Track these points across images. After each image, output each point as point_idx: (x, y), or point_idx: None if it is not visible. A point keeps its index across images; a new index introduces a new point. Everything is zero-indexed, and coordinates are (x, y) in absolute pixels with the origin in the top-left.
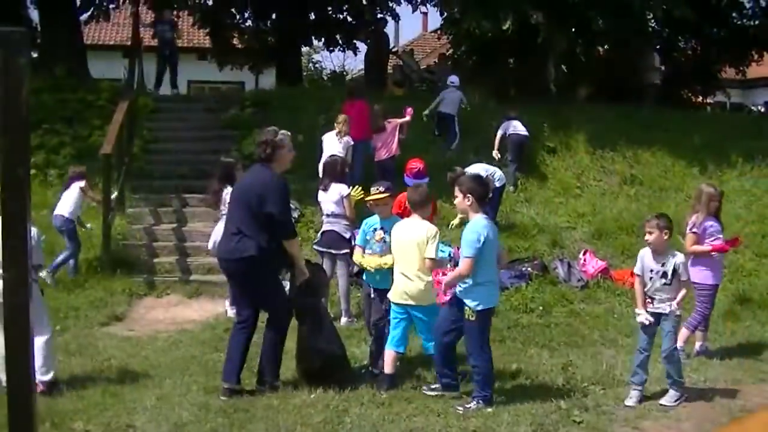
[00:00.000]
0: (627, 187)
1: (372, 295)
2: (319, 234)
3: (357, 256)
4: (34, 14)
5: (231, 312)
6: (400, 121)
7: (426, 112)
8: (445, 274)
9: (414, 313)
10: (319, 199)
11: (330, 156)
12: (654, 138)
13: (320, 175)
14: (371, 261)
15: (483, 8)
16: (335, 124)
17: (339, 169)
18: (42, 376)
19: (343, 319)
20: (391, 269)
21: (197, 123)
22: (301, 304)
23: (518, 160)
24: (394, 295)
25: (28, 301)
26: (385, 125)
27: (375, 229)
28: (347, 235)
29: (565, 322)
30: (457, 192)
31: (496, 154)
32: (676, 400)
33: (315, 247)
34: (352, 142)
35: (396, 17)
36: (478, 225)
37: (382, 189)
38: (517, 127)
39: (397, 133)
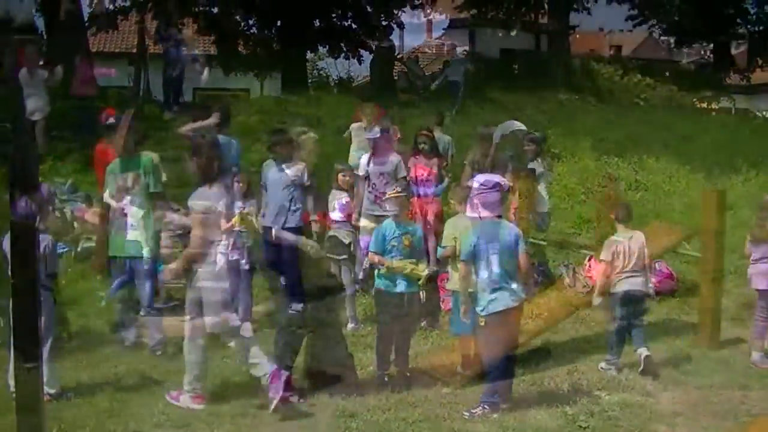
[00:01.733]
0: (632, 193)
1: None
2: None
3: (402, 265)
4: (40, 22)
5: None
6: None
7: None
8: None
9: None
10: None
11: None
12: (659, 143)
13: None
14: (421, 268)
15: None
16: (362, 116)
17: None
18: (49, 389)
19: (350, 325)
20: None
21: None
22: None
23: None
24: None
25: (37, 307)
26: (389, 127)
27: (401, 235)
28: (347, 241)
29: (571, 328)
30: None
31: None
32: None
33: None
34: (380, 132)
35: (401, 25)
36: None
37: (399, 189)
38: (521, 126)
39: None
